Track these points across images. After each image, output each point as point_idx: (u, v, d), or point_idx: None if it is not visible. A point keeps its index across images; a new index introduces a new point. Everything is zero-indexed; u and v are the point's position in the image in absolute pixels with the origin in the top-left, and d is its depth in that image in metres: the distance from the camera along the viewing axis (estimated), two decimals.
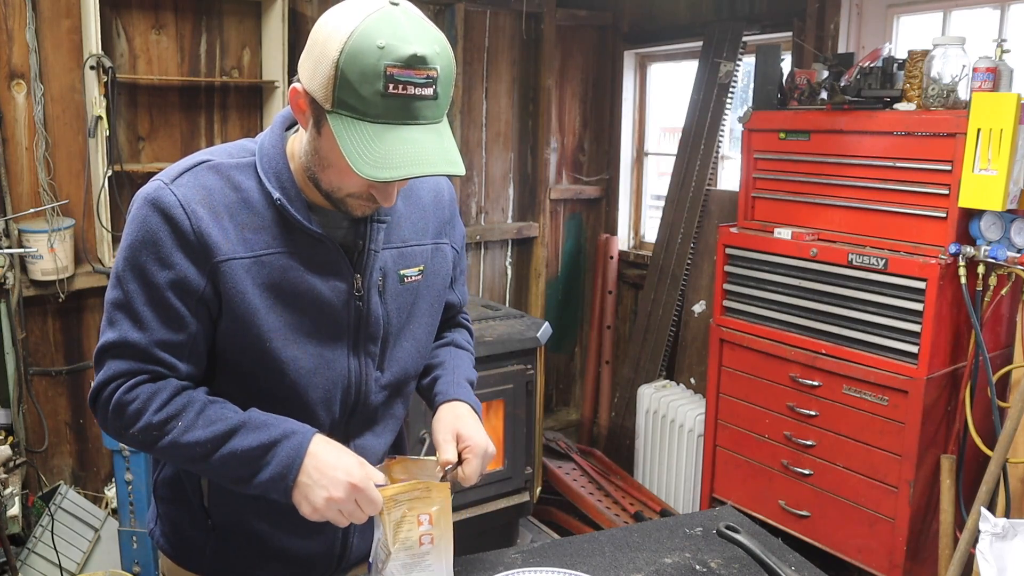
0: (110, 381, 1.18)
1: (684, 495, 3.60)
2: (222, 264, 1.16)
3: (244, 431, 1.16)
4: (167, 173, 1.19)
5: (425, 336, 1.39)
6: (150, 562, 2.85)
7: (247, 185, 1.20)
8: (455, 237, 1.44)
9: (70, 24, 3.02)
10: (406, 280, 1.31)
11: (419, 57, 1.05)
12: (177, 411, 1.16)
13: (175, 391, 1.18)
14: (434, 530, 1.24)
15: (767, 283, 2.86)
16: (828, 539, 2.73)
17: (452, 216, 1.43)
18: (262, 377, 1.22)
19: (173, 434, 1.15)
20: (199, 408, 1.17)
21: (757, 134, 2.89)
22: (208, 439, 1.15)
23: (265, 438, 1.15)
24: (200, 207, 1.16)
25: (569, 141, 4.35)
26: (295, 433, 1.17)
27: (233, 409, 1.19)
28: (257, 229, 1.19)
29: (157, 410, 1.16)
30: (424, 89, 1.07)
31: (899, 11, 3.10)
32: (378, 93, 1.05)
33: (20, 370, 3.02)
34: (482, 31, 3.99)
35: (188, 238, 1.15)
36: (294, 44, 3.33)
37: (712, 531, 1.56)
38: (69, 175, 3.10)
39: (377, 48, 1.04)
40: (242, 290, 1.17)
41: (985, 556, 1.76)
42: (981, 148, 2.26)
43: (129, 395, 1.16)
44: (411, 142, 1.07)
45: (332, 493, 1.14)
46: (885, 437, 2.53)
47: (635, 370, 4.03)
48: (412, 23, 1.07)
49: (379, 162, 1.05)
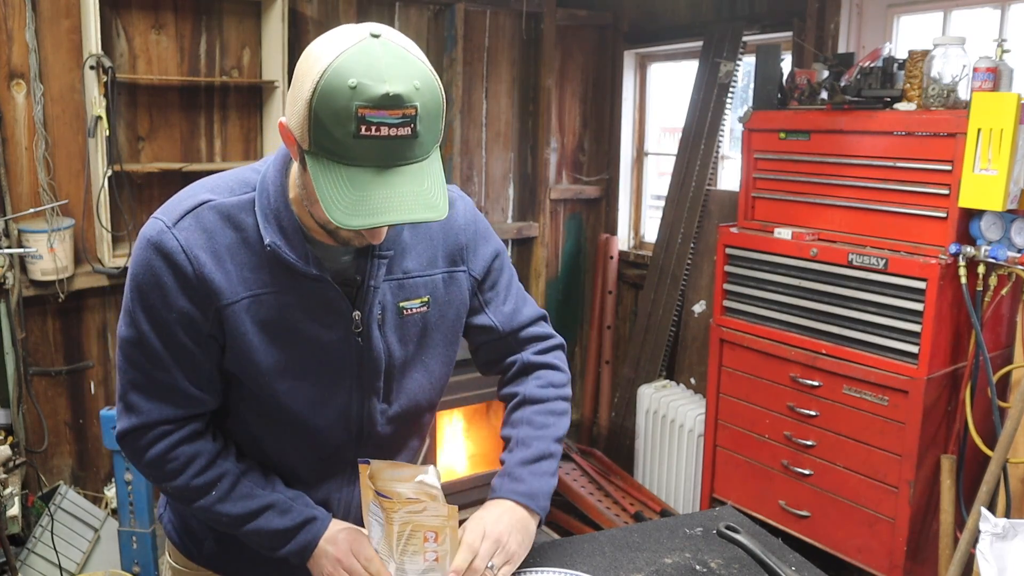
0: (141, 429, 1.23)
1: (684, 495, 3.60)
2: (225, 308, 1.18)
3: (270, 513, 1.25)
4: (169, 213, 1.19)
5: (440, 367, 1.36)
6: (150, 562, 2.85)
7: (247, 224, 1.19)
8: (475, 262, 1.37)
9: (70, 24, 3.02)
10: (406, 313, 1.28)
11: (392, 96, 1.00)
12: (213, 480, 1.24)
13: (212, 458, 1.25)
14: (439, 548, 1.24)
15: (767, 283, 2.86)
16: (828, 539, 2.73)
17: (471, 240, 1.36)
18: (271, 406, 1.25)
19: (206, 501, 1.25)
20: (232, 481, 1.25)
21: (757, 134, 2.89)
22: (239, 515, 1.25)
23: (288, 523, 1.25)
24: (202, 252, 1.16)
25: (569, 141, 4.35)
26: (315, 520, 1.27)
27: (261, 485, 1.27)
28: (255, 268, 1.19)
29: (194, 476, 1.24)
30: (400, 129, 1.02)
31: (899, 11, 3.10)
32: (350, 135, 1.01)
33: (20, 370, 3.02)
34: (482, 31, 3.99)
35: (191, 283, 1.16)
36: (294, 44, 3.33)
37: (712, 531, 1.56)
38: (69, 175, 3.10)
39: (348, 88, 1.00)
40: (243, 331, 1.19)
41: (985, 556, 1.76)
42: (981, 148, 2.25)
43: (168, 455, 1.23)
44: (388, 186, 1.03)
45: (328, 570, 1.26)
46: (885, 437, 2.53)
47: (635, 370, 4.03)
48: (390, 57, 1.02)
49: (353, 208, 1.02)
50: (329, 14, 3.54)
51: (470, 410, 3.62)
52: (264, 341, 1.20)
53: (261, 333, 1.20)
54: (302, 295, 1.20)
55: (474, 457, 3.75)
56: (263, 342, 1.20)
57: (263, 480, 1.27)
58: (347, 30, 1.06)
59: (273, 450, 1.31)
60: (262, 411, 1.27)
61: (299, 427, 1.28)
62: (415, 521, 1.21)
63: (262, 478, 1.27)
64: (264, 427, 1.29)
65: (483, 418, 3.69)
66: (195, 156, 3.39)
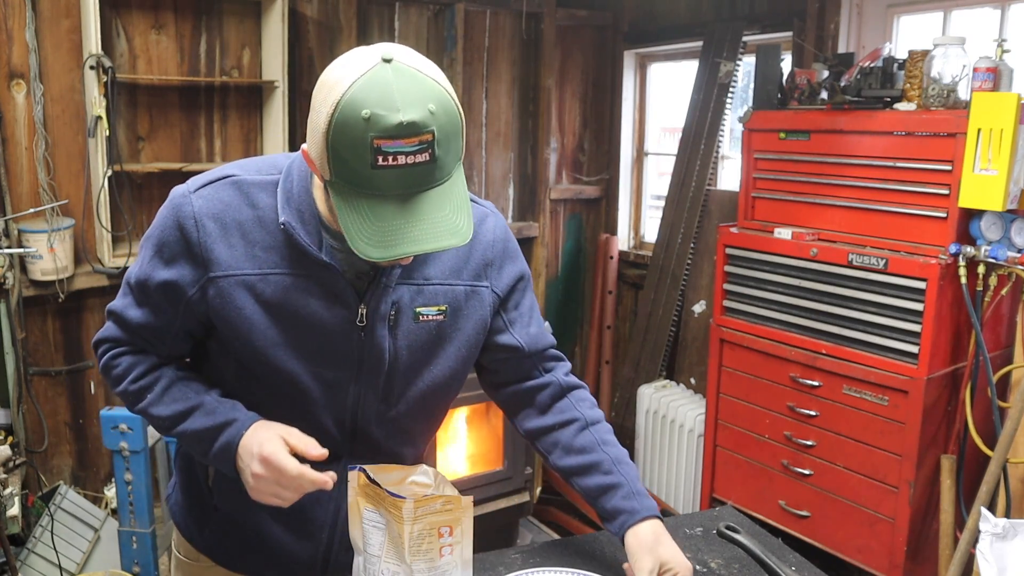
0: (105, 341, 1.32)
1: (684, 495, 3.60)
2: (218, 279, 1.20)
3: (197, 414, 1.25)
4: (196, 180, 1.24)
5: (446, 379, 1.34)
6: (150, 562, 2.84)
7: (265, 203, 1.21)
8: (499, 280, 1.35)
9: (70, 24, 3.02)
10: (422, 318, 1.27)
11: (407, 125, 1.00)
12: (148, 385, 1.28)
13: (150, 367, 1.29)
14: (454, 541, 1.24)
15: (767, 283, 2.86)
16: (828, 539, 2.73)
17: (499, 258, 1.35)
18: (268, 383, 1.26)
19: (142, 404, 1.28)
20: (165, 385, 1.28)
21: (757, 134, 2.89)
22: (168, 416, 1.26)
23: (211, 422, 1.24)
24: (211, 221, 1.19)
25: (569, 141, 4.35)
26: (236, 421, 1.24)
27: (195, 390, 1.28)
28: (268, 248, 1.20)
29: (133, 381, 1.28)
30: (419, 156, 1.02)
31: (899, 11, 3.10)
32: (368, 166, 1.01)
33: (20, 370, 3.02)
34: (482, 31, 3.99)
35: (192, 248, 1.20)
36: (294, 44, 3.34)
37: (712, 531, 1.56)
38: (69, 175, 3.10)
39: (363, 120, 0.99)
40: (240, 305, 1.20)
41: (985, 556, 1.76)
42: (981, 148, 2.25)
43: (114, 361, 1.30)
44: (410, 214, 1.04)
45: (253, 468, 1.18)
46: (885, 437, 2.53)
47: (635, 370, 4.03)
48: (403, 83, 1.01)
49: (376, 239, 1.03)
50: (329, 14, 3.54)
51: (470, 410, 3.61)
52: (266, 320, 1.21)
53: (264, 312, 1.20)
54: (311, 280, 1.21)
55: (474, 457, 3.75)
56: (265, 320, 1.21)
57: (200, 386, 1.29)
58: (359, 56, 1.06)
59: None
60: (261, 397, 1.27)
61: (294, 415, 1.26)
62: (429, 518, 1.21)
63: (200, 384, 1.29)
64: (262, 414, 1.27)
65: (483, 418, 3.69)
66: (195, 156, 3.39)
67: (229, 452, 1.22)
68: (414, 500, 1.19)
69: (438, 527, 1.22)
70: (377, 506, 1.23)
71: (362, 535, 1.26)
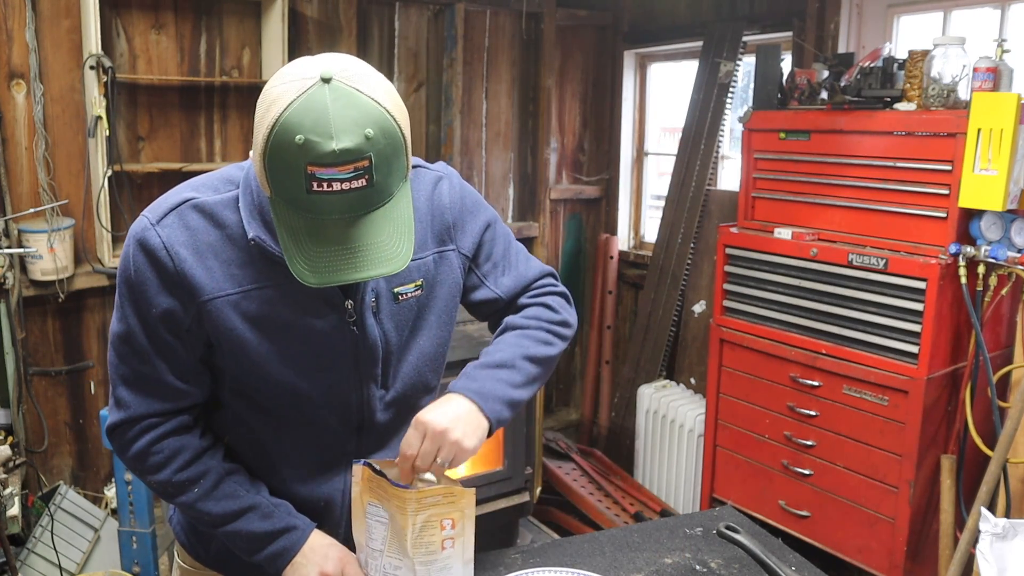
0: (128, 424, 1.24)
1: (684, 495, 3.60)
2: (207, 304, 1.18)
3: (252, 515, 1.25)
4: (154, 211, 1.20)
5: (434, 348, 1.35)
6: (150, 562, 2.84)
7: (231, 221, 1.19)
8: (463, 239, 1.34)
9: (70, 24, 3.02)
10: (401, 298, 1.28)
11: (340, 152, 0.98)
12: (196, 477, 1.24)
13: (197, 454, 1.25)
14: (456, 535, 1.24)
15: (767, 283, 2.86)
16: (828, 539, 2.73)
17: (458, 218, 1.34)
18: (267, 398, 1.26)
19: (188, 497, 1.24)
20: (216, 480, 1.25)
21: (757, 134, 2.89)
22: (220, 514, 1.24)
23: (269, 527, 1.25)
24: (183, 249, 1.17)
25: (569, 141, 4.35)
26: (296, 528, 1.26)
27: (245, 488, 1.26)
28: (242, 264, 1.19)
29: (178, 470, 1.23)
30: (355, 182, 1.01)
31: (899, 11, 3.10)
32: (304, 191, 1.01)
33: (20, 370, 3.02)
34: (482, 31, 3.99)
35: (172, 279, 1.17)
36: (294, 44, 3.34)
37: (712, 531, 1.56)
38: (69, 175, 3.10)
39: (297, 146, 0.98)
40: (230, 326, 1.19)
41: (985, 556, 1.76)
42: (981, 148, 2.26)
43: (152, 447, 1.23)
44: (348, 239, 1.04)
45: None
46: (885, 437, 2.53)
47: (635, 370, 4.03)
48: (339, 106, 0.99)
49: (313, 264, 1.04)
50: (329, 14, 3.54)
51: None
52: (257, 336, 1.20)
53: (254, 328, 1.20)
54: (292, 287, 1.19)
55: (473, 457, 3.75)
56: (256, 337, 1.20)
57: (248, 483, 1.27)
58: (300, 71, 1.03)
59: (273, 447, 1.30)
60: (261, 406, 1.27)
61: (298, 420, 1.28)
62: (432, 509, 1.22)
63: (247, 480, 1.27)
64: (263, 423, 1.29)
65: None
66: (195, 156, 3.39)
67: (284, 557, 1.25)
68: (417, 491, 1.20)
69: (440, 519, 1.23)
70: (380, 500, 1.24)
71: (365, 530, 1.27)
